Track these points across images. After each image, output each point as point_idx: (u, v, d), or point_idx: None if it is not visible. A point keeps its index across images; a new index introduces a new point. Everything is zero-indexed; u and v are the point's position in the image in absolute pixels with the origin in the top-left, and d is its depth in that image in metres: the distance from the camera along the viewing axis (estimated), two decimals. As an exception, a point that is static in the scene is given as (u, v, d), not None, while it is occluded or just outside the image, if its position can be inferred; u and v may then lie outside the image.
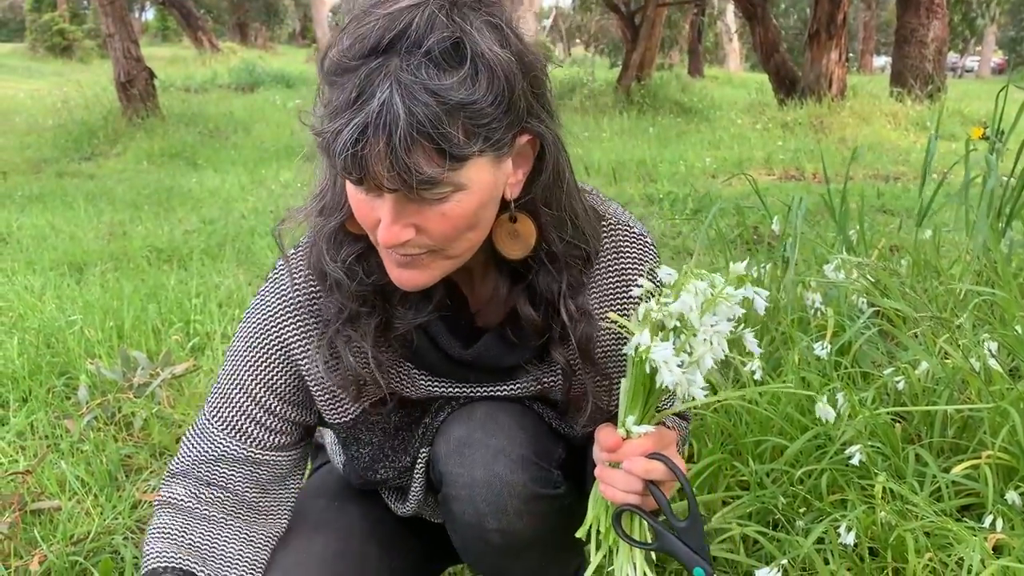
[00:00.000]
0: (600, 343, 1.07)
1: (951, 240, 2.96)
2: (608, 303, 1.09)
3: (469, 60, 0.81)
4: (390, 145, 0.79)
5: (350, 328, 1.00)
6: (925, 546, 1.37)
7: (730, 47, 27.12)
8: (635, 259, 1.09)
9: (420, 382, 1.09)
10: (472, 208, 0.88)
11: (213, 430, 1.09)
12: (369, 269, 0.98)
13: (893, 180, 6.59)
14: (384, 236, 0.87)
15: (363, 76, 0.79)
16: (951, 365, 1.76)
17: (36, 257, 4.26)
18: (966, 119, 9.59)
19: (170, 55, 20.04)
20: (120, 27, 9.54)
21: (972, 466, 1.52)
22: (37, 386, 2.50)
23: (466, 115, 0.81)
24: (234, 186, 6.62)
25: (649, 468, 0.94)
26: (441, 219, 0.87)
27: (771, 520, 1.60)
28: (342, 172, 0.84)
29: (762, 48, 11.29)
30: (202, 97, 12.40)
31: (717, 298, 0.89)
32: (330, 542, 1.17)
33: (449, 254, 0.92)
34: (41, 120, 10.61)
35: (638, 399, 0.95)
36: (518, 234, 0.96)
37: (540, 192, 0.95)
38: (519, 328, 1.03)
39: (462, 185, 0.85)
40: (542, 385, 1.10)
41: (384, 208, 0.86)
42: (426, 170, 0.81)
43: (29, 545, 1.75)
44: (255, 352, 1.07)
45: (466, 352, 1.05)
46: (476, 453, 1.04)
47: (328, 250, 0.98)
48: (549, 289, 1.00)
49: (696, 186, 6.08)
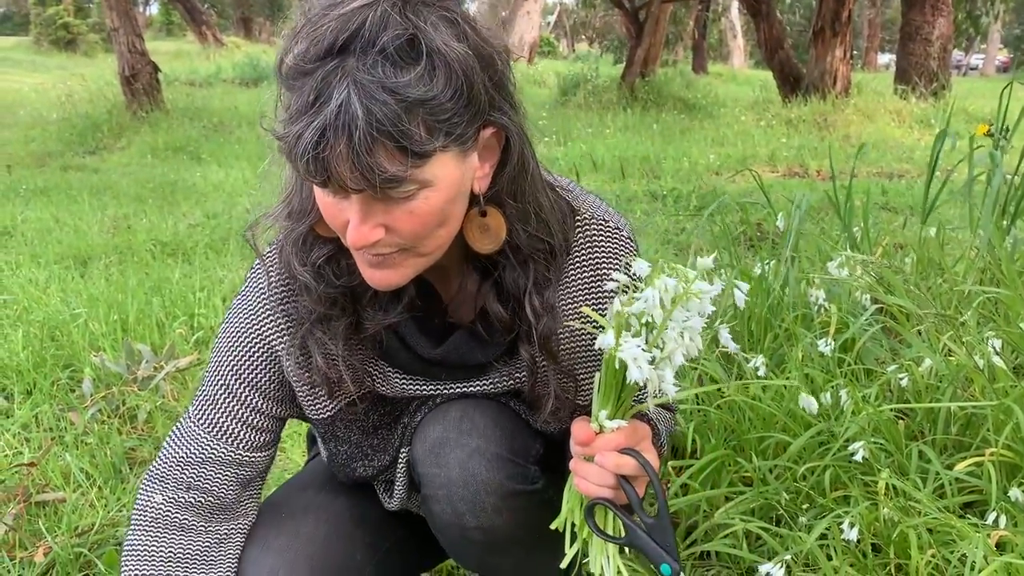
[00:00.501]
0: (569, 340, 1.07)
1: (955, 238, 2.96)
2: (582, 298, 1.08)
3: (425, 56, 0.80)
4: (351, 146, 0.78)
5: (320, 329, 1.01)
6: (928, 542, 1.37)
7: (734, 44, 27.08)
8: (609, 253, 1.08)
9: (394, 380, 1.09)
10: (439, 204, 0.87)
11: (199, 433, 1.09)
12: (339, 271, 0.98)
13: (897, 177, 6.58)
14: (353, 238, 0.86)
15: (320, 79, 0.79)
16: (955, 362, 1.76)
17: (41, 250, 4.27)
18: (970, 117, 9.57)
19: (174, 49, 20.03)
20: (124, 21, 9.55)
21: (975, 463, 1.52)
22: (42, 379, 2.51)
23: (425, 111, 0.81)
24: (238, 180, 6.63)
25: (620, 463, 0.94)
26: (409, 217, 0.86)
27: (774, 516, 1.60)
28: (305, 175, 0.83)
29: (766, 45, 11.27)
30: (206, 91, 12.40)
31: (687, 294, 0.88)
32: (320, 524, 1.18)
33: (420, 251, 0.92)
34: (45, 114, 10.62)
35: (610, 394, 0.95)
36: (488, 228, 0.96)
37: (505, 184, 0.95)
38: (489, 325, 1.03)
39: (428, 182, 0.85)
40: (514, 380, 1.10)
41: (352, 209, 0.86)
42: (389, 168, 0.80)
43: (34, 537, 1.75)
44: (238, 352, 1.08)
45: (435, 351, 1.05)
46: (452, 453, 1.04)
47: (297, 254, 0.97)
48: (515, 285, 1.00)
49: (700, 183, 6.08)
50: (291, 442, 2.17)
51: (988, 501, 1.44)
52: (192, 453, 1.09)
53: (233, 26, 31.74)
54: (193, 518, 1.10)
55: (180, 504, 1.09)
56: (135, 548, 1.08)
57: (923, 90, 10.53)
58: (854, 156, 3.30)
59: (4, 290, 3.42)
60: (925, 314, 1.96)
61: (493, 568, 1.14)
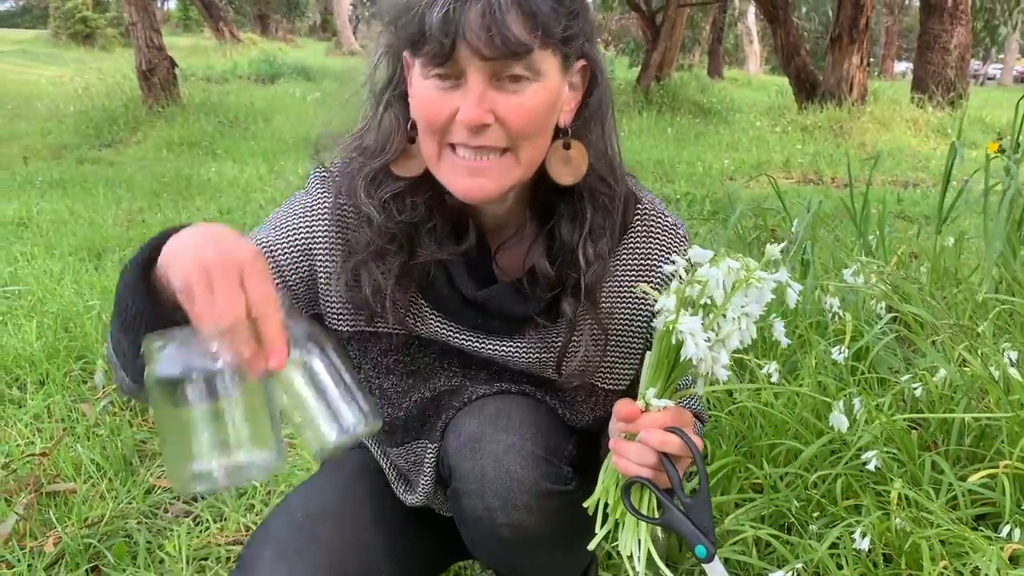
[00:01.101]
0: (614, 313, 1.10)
1: (971, 247, 2.94)
2: (628, 282, 1.11)
3: None
4: (489, 6, 0.86)
5: (375, 262, 1.04)
6: (940, 554, 1.36)
7: (750, 49, 27.01)
8: (663, 245, 1.12)
9: (430, 320, 1.10)
10: (545, 103, 0.94)
11: None
12: (402, 208, 1.02)
13: (912, 186, 6.55)
14: (470, 114, 0.91)
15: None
16: (970, 373, 1.75)
17: (56, 242, 4.29)
18: (987, 127, 9.52)
19: (191, 45, 20.13)
20: (143, 16, 9.59)
21: (989, 475, 1.51)
22: (54, 369, 2.52)
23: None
24: (252, 176, 6.65)
25: (665, 440, 0.94)
26: (520, 109, 0.93)
27: (784, 524, 1.60)
28: (437, 42, 0.88)
29: (783, 51, 11.23)
30: (222, 87, 12.45)
31: (748, 279, 0.90)
32: (336, 530, 1.17)
33: (519, 156, 0.96)
34: (63, 107, 10.68)
35: (660, 372, 0.96)
36: (570, 159, 1.01)
37: (589, 118, 1.02)
38: (533, 282, 1.06)
39: (540, 73, 0.92)
40: (545, 346, 1.10)
41: (469, 91, 0.91)
42: (520, 35, 0.88)
43: (44, 526, 1.76)
44: (277, 238, 1.08)
45: (479, 292, 1.07)
46: (487, 448, 1.04)
47: (365, 187, 1.02)
48: (570, 235, 1.04)
49: (714, 188, 6.06)
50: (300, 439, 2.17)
51: (1002, 514, 1.43)
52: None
53: (250, 23, 31.86)
54: None
55: None
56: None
57: (940, 99, 10.47)
58: (869, 164, 3.29)
59: (19, 281, 3.44)
60: (941, 325, 1.94)
61: (515, 567, 1.14)
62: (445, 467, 1.10)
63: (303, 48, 25.55)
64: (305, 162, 5.92)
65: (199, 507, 1.86)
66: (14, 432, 2.18)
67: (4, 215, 5.05)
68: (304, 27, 40.08)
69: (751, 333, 0.92)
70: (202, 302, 0.74)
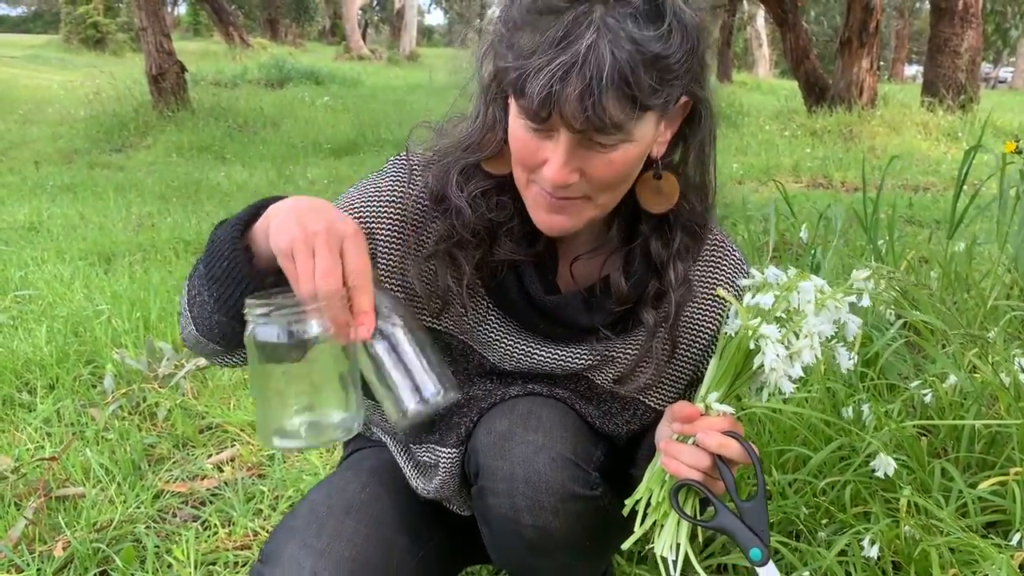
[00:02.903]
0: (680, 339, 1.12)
1: (982, 253, 2.93)
2: (693, 310, 1.13)
3: (668, 17, 0.86)
4: (590, 87, 0.83)
5: (456, 250, 1.05)
6: (950, 562, 1.35)
7: (759, 53, 26.96)
8: (729, 279, 1.14)
9: (491, 317, 1.11)
10: (634, 158, 0.93)
11: None
12: (491, 205, 1.03)
13: (923, 191, 6.52)
14: (555, 175, 0.91)
15: (570, 19, 0.83)
16: (980, 379, 1.74)
17: (66, 246, 4.31)
18: (998, 131, 9.47)
19: (201, 50, 20.22)
20: (153, 21, 9.64)
21: (999, 482, 1.50)
22: (64, 374, 2.53)
23: (657, 68, 0.85)
24: (262, 181, 6.67)
25: (723, 443, 0.95)
26: (607, 166, 0.92)
27: (793, 530, 1.59)
28: (534, 108, 0.86)
29: (792, 54, 11.21)
30: (232, 92, 12.49)
31: (827, 299, 0.92)
32: (360, 526, 1.17)
33: (599, 202, 0.97)
34: (73, 111, 10.75)
35: (726, 378, 0.97)
36: (662, 191, 1.02)
37: (689, 155, 1.01)
38: (606, 294, 1.07)
39: (634, 136, 0.90)
40: (601, 357, 1.12)
41: (558, 150, 0.90)
42: (615, 115, 0.85)
43: (53, 531, 1.77)
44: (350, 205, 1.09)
45: (547, 297, 1.08)
46: (517, 448, 1.04)
47: (459, 181, 1.03)
48: (659, 252, 1.05)
49: (723, 192, 6.04)
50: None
51: (1012, 521, 1.42)
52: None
53: (260, 27, 31.98)
54: None
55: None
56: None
57: (951, 103, 10.42)
58: (880, 168, 3.28)
59: (29, 285, 3.46)
60: (953, 333, 1.93)
61: (534, 570, 1.13)
62: (472, 464, 1.10)
63: (313, 52, 25.62)
64: (314, 166, 5.93)
65: (207, 512, 1.86)
66: (24, 436, 2.19)
67: (15, 219, 5.08)
68: (314, 32, 40.18)
69: (818, 353, 0.94)
70: (304, 267, 0.79)
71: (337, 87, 14.40)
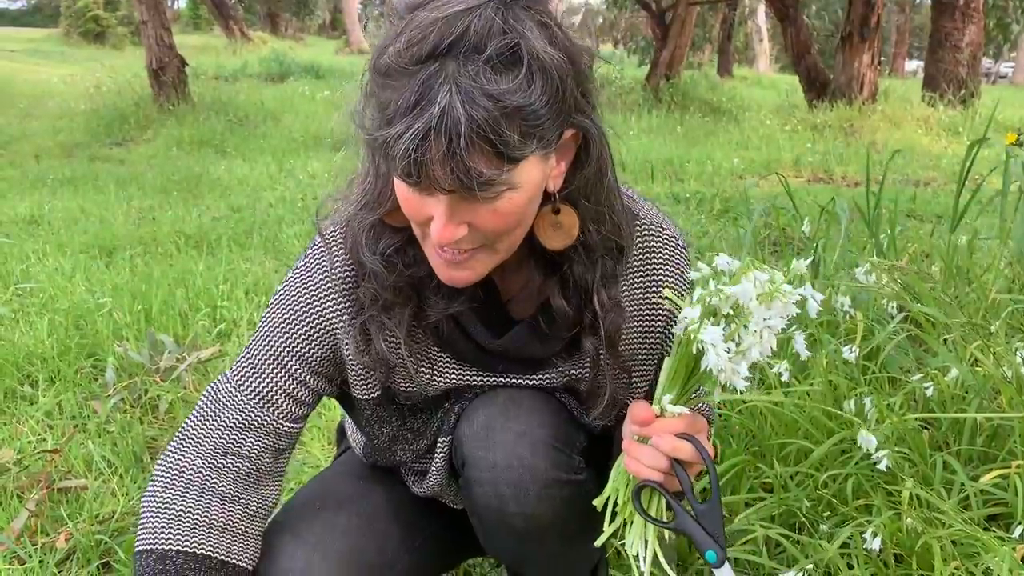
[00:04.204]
0: (626, 338, 1.08)
1: (983, 247, 2.93)
2: (637, 302, 1.10)
3: (525, 63, 0.81)
4: (450, 149, 0.79)
5: (384, 315, 1.02)
6: (952, 555, 1.35)
7: (760, 47, 26.91)
8: (666, 260, 1.11)
9: (446, 370, 1.10)
10: (522, 204, 0.89)
11: (240, 399, 1.08)
12: (407, 260, 0.99)
13: (923, 185, 6.51)
14: (439, 235, 0.87)
15: (422, 80, 0.79)
16: (982, 372, 1.74)
17: (67, 240, 4.31)
18: (999, 125, 9.45)
19: (202, 43, 20.17)
20: (153, 15, 9.63)
21: (1001, 475, 1.50)
22: (66, 367, 2.53)
23: (522, 118, 0.81)
24: (262, 175, 6.67)
25: (676, 446, 0.94)
26: (493, 216, 0.88)
27: (795, 523, 1.59)
28: (399, 174, 0.83)
29: (793, 49, 11.19)
30: (232, 86, 12.48)
31: (774, 293, 0.88)
32: (353, 518, 1.18)
33: (497, 249, 0.93)
34: (74, 105, 10.73)
35: (678, 379, 0.96)
36: (560, 225, 0.97)
37: (583, 184, 0.96)
38: (550, 320, 1.04)
39: (515, 184, 0.86)
40: (568, 378, 1.11)
41: (438, 208, 0.87)
42: (485, 172, 0.81)
43: (56, 523, 1.77)
44: (295, 325, 1.07)
45: (496, 342, 1.06)
46: (499, 436, 1.04)
47: (367, 242, 0.99)
48: (583, 279, 1.01)
49: (723, 186, 6.04)
50: (310, 436, 2.17)
51: (1014, 514, 1.42)
52: (232, 418, 1.08)
53: (260, 21, 31.92)
54: (231, 485, 1.08)
55: (218, 470, 1.07)
56: (168, 505, 1.06)
57: (951, 98, 10.40)
58: (880, 163, 3.27)
59: (30, 278, 3.46)
60: (953, 323, 1.93)
61: (525, 558, 1.14)
62: (458, 456, 1.10)
63: (313, 46, 25.58)
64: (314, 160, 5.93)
65: (209, 504, 1.87)
66: (26, 429, 2.19)
67: (16, 213, 5.08)
68: (314, 26, 40.12)
69: (772, 345, 0.91)
70: None
71: (337, 81, 14.37)
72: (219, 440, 1.08)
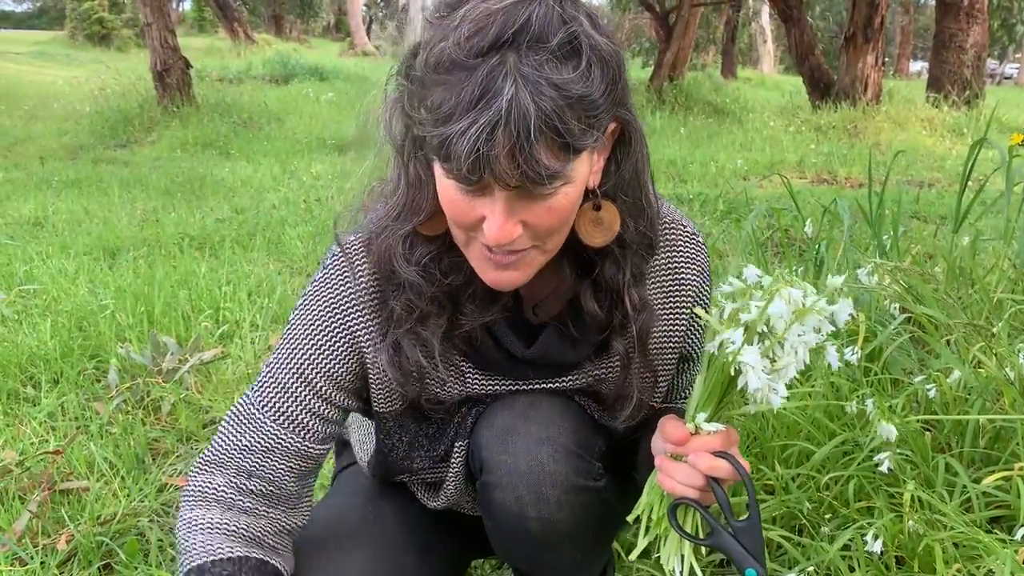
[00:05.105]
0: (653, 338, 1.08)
1: (987, 248, 2.92)
2: (660, 300, 1.10)
3: (585, 54, 0.81)
4: (518, 142, 0.78)
5: (420, 327, 1.00)
6: (954, 557, 1.35)
7: (764, 49, 26.90)
8: (687, 257, 1.11)
9: (472, 380, 1.08)
10: (575, 199, 0.89)
11: (264, 421, 1.05)
12: (444, 269, 0.97)
13: (928, 186, 6.50)
14: (497, 235, 0.86)
15: (484, 74, 0.78)
16: (985, 374, 1.73)
17: (70, 241, 4.32)
18: (1004, 126, 9.43)
19: (206, 45, 20.22)
20: (158, 17, 9.65)
21: (1004, 477, 1.50)
22: (68, 368, 2.54)
23: (583, 108, 0.81)
24: (266, 176, 6.67)
25: (714, 465, 0.94)
26: (548, 213, 0.87)
27: (796, 525, 1.59)
28: (463, 171, 0.81)
29: (797, 50, 11.18)
30: (236, 88, 12.49)
31: (809, 310, 0.87)
32: (367, 555, 1.15)
33: (546, 248, 0.92)
34: (79, 107, 10.75)
35: (713, 397, 0.95)
36: (601, 221, 0.96)
37: (623, 178, 0.96)
38: (579, 322, 1.03)
39: (571, 179, 0.85)
40: (593, 378, 1.10)
41: (495, 207, 0.85)
42: (550, 164, 0.80)
43: (57, 524, 1.77)
44: (319, 341, 1.04)
45: (528, 351, 1.05)
46: (519, 441, 1.03)
47: (404, 253, 0.97)
48: (615, 280, 1.00)
49: (727, 188, 6.04)
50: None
51: (1016, 516, 1.42)
52: (256, 441, 1.05)
53: (264, 23, 31.98)
54: (255, 503, 1.06)
55: (242, 490, 1.05)
56: (198, 521, 1.03)
57: (956, 99, 10.39)
58: (884, 164, 3.26)
59: (34, 280, 3.47)
60: (955, 324, 1.92)
61: (540, 564, 1.13)
62: (475, 460, 1.09)
63: (317, 48, 25.63)
64: (317, 161, 5.92)
65: (211, 505, 1.87)
66: (28, 430, 2.19)
67: (21, 214, 5.09)
68: (318, 28, 40.18)
69: (806, 359, 0.90)
70: None
71: (342, 83, 14.39)
72: (241, 464, 1.05)
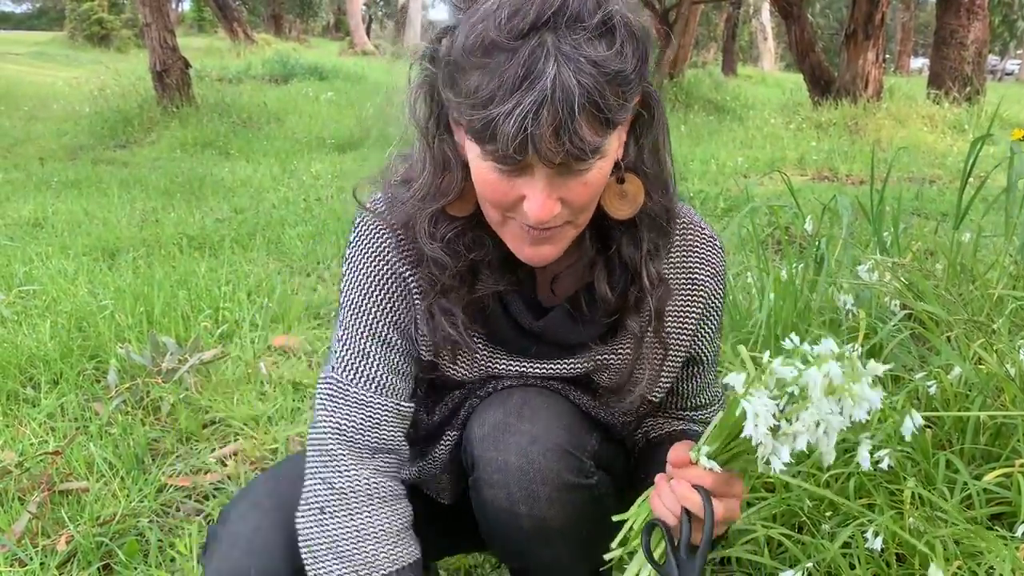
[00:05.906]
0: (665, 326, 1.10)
1: (987, 244, 2.91)
2: (675, 298, 1.11)
3: (619, 31, 0.83)
4: (563, 119, 0.80)
5: (444, 299, 1.03)
6: (954, 554, 1.35)
7: (764, 46, 26.89)
8: (702, 259, 1.12)
9: (481, 351, 1.10)
10: (606, 174, 0.92)
11: (362, 393, 1.07)
12: (467, 245, 1.00)
13: (929, 183, 6.49)
14: (539, 212, 0.89)
15: (526, 54, 0.80)
16: (985, 371, 1.73)
17: (70, 242, 4.32)
18: (1005, 123, 9.42)
19: (205, 45, 20.20)
20: (157, 17, 9.64)
21: (1004, 474, 1.49)
22: (68, 369, 2.53)
23: (618, 83, 0.84)
24: (266, 176, 6.67)
25: (686, 495, 0.94)
26: (584, 188, 0.90)
27: (796, 523, 1.58)
28: (510, 151, 0.83)
29: (798, 47, 11.17)
30: (236, 88, 12.48)
31: (840, 391, 0.83)
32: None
33: (579, 222, 0.96)
34: (78, 107, 10.75)
35: (721, 436, 0.93)
36: (626, 194, 0.99)
37: (646, 149, 0.98)
38: (592, 302, 1.05)
39: (606, 153, 0.88)
40: (598, 364, 1.11)
41: (537, 185, 0.88)
42: (591, 139, 0.83)
43: (57, 525, 1.77)
44: (374, 292, 1.07)
45: (536, 323, 1.06)
46: (511, 438, 1.04)
47: (428, 230, 1.00)
48: (632, 258, 1.02)
49: (727, 185, 6.03)
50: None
51: (1017, 513, 1.41)
52: (367, 416, 1.07)
53: (263, 23, 31.97)
54: (394, 483, 1.09)
55: (383, 471, 1.08)
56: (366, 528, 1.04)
57: (957, 95, 10.37)
58: (885, 161, 3.26)
59: (33, 280, 3.46)
60: (955, 320, 1.92)
61: (531, 559, 1.13)
62: (467, 457, 1.10)
63: (317, 48, 25.62)
64: (317, 161, 5.91)
65: (210, 506, 1.86)
66: (28, 431, 2.19)
67: (20, 215, 5.09)
68: (318, 27, 40.18)
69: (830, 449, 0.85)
70: None
71: (341, 82, 14.38)
72: (366, 442, 1.07)
